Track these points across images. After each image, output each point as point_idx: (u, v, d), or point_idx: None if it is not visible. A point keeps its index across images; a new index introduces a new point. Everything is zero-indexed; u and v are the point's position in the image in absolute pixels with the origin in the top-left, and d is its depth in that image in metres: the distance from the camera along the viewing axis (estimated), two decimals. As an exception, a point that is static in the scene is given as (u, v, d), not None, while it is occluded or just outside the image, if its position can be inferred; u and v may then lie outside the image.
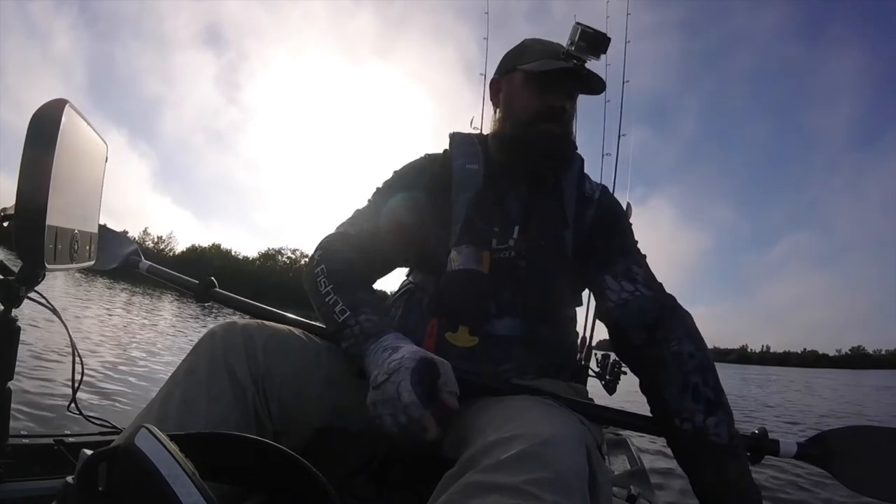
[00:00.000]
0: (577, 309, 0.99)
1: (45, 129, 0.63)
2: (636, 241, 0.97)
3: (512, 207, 0.92)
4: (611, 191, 1.03)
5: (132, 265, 1.23)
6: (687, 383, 0.77)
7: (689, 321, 0.84)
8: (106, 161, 0.86)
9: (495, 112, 0.99)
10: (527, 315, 0.86)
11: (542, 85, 0.91)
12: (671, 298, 0.88)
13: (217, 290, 1.08)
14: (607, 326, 0.91)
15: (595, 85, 0.93)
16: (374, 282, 0.91)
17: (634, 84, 2.91)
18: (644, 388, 0.84)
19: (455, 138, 0.99)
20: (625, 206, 1.08)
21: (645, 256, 0.94)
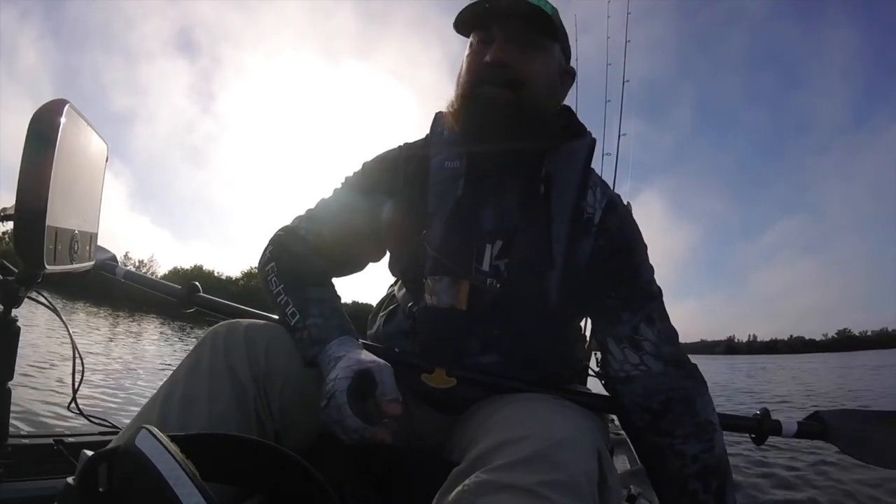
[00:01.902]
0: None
1: (45, 129, 0.63)
2: (651, 278, 0.80)
3: (486, 220, 0.78)
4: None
5: (107, 270, 1.18)
6: (685, 489, 0.71)
7: (700, 410, 0.74)
8: (107, 161, 0.86)
9: None
10: (512, 352, 0.77)
11: (478, 39, 0.75)
12: (684, 377, 0.75)
13: (201, 294, 1.08)
14: (607, 391, 0.81)
15: (533, 16, 0.71)
16: (331, 276, 0.83)
17: (630, 76, 2.91)
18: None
19: (438, 122, 0.84)
20: None
21: (661, 294, 0.79)
